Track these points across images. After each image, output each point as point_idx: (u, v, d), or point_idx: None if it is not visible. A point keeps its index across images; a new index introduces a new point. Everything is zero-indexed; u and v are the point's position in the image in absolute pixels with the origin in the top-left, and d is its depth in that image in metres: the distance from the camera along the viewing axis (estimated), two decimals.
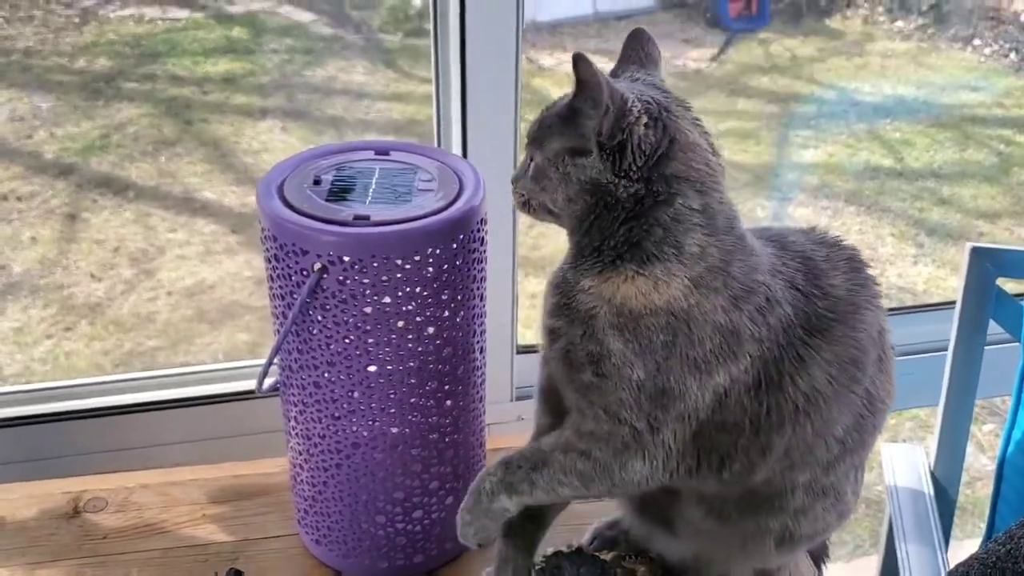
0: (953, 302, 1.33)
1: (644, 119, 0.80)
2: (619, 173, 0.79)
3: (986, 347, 1.32)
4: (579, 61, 0.79)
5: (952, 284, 2.82)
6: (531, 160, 0.83)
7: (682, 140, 0.81)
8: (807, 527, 0.90)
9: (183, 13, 3.12)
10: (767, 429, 0.83)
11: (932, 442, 1.37)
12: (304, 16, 3.22)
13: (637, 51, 0.89)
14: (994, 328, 1.31)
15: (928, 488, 1.34)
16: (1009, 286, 1.32)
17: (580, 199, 0.81)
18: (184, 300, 2.48)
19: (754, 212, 3.01)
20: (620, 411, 0.81)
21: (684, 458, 0.83)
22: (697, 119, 0.85)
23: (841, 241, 0.92)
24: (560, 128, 0.81)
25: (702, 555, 0.96)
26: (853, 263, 0.89)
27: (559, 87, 1.06)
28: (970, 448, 1.38)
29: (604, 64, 0.87)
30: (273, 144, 2.88)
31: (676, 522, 0.94)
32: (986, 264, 1.28)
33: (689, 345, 0.79)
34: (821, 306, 0.83)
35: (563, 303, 0.82)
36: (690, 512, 0.91)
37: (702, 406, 0.81)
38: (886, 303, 0.91)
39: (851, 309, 0.85)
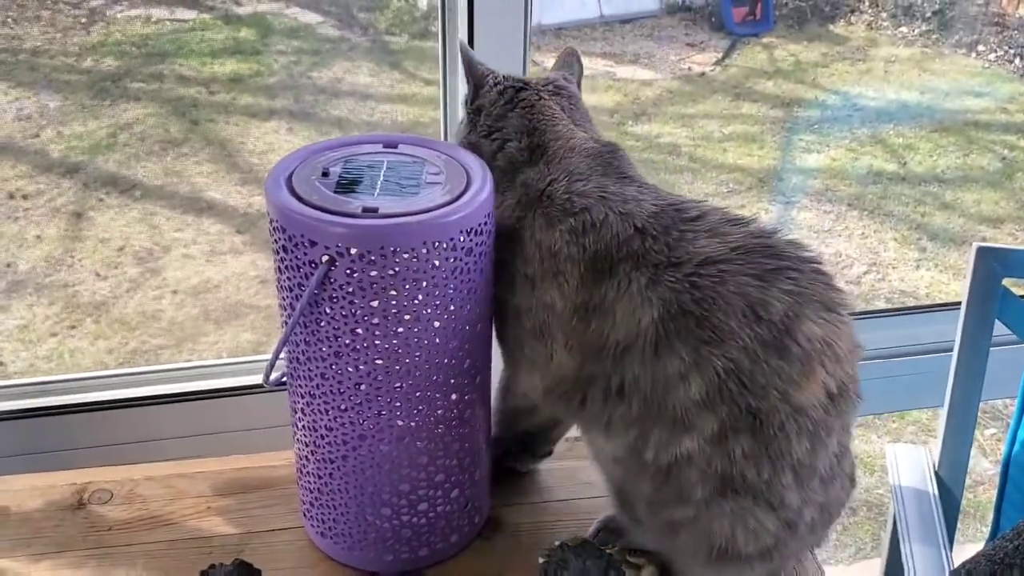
0: (958, 303, 1.34)
1: (497, 88, 1.01)
2: (479, 132, 1.00)
3: (992, 348, 1.32)
4: (461, 48, 1.03)
5: (954, 289, 2.83)
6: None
7: (523, 101, 0.99)
8: (736, 534, 0.87)
9: (190, 14, 3.13)
10: (603, 355, 0.88)
11: (936, 443, 1.38)
12: (311, 17, 3.24)
13: (567, 61, 1.08)
14: (999, 329, 1.31)
15: (932, 488, 1.34)
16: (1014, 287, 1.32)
17: (464, 143, 1.02)
18: (189, 299, 2.49)
19: (757, 215, 3.01)
20: (500, 329, 0.99)
21: (559, 383, 0.93)
22: (558, 89, 1.02)
23: (751, 222, 0.90)
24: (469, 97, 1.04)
25: (666, 556, 0.97)
26: (763, 248, 0.87)
27: None
28: (972, 452, 1.38)
29: (606, 66, 0.92)
30: (279, 144, 2.89)
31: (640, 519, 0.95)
32: (992, 264, 1.28)
33: (522, 263, 0.93)
34: (656, 248, 0.87)
35: None
36: (640, 506, 0.93)
37: (546, 322, 0.91)
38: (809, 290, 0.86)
39: (703, 263, 0.85)
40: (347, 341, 0.90)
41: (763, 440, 0.83)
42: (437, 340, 0.92)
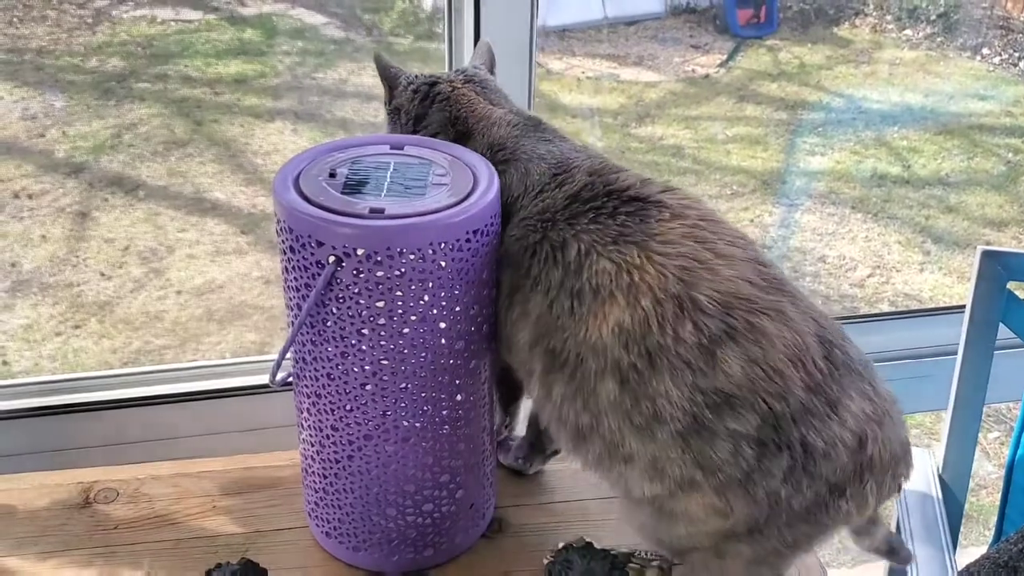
0: (962, 306, 1.34)
1: (412, 87, 1.05)
2: (405, 131, 1.04)
3: (995, 351, 1.32)
4: (376, 58, 1.09)
5: (958, 292, 2.83)
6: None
7: (439, 94, 1.03)
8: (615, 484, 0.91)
9: (196, 14, 3.14)
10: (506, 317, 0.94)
11: (939, 446, 1.38)
12: (316, 19, 3.24)
13: (479, 52, 1.11)
14: (1003, 333, 1.32)
15: (936, 491, 1.34)
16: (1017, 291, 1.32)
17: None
18: (193, 299, 2.49)
19: (761, 218, 3.02)
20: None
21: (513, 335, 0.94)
22: (470, 78, 1.05)
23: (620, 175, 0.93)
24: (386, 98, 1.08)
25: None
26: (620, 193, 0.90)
27: (567, 91, 1.08)
28: (976, 455, 1.38)
29: (610, 68, 0.92)
30: (283, 145, 2.89)
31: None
32: (997, 268, 1.28)
33: None
34: (523, 204, 0.93)
35: None
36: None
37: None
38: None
39: (534, 216, 0.91)
40: (353, 341, 0.90)
41: (568, 377, 0.87)
42: (443, 341, 0.92)
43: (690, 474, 0.84)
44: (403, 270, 0.87)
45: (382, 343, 0.90)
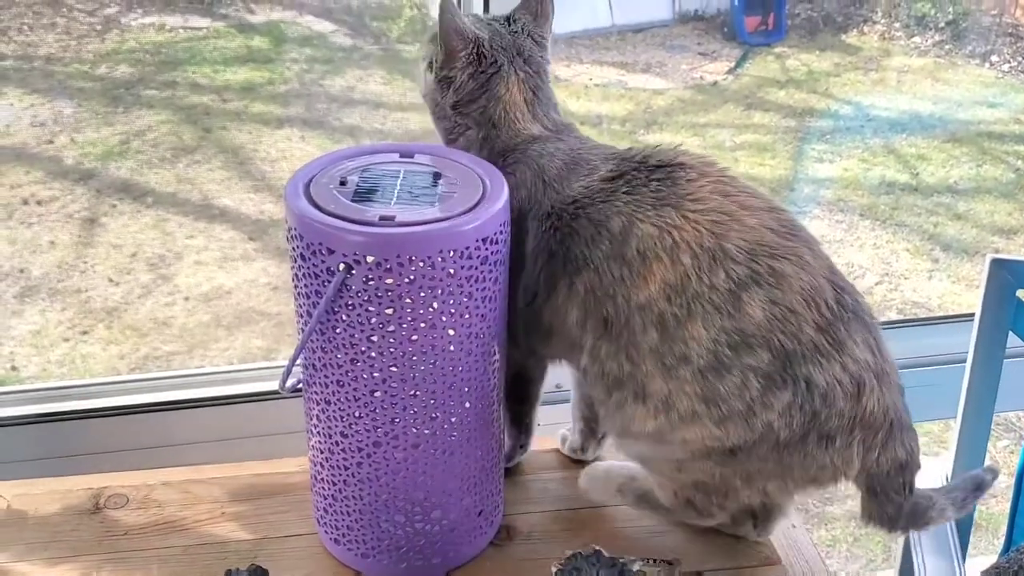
0: (971, 314, 1.33)
1: (468, 70, 1.00)
2: (444, 97, 1.02)
3: (1005, 359, 1.31)
4: (443, 9, 0.98)
5: (967, 300, 2.82)
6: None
7: (493, 91, 1.01)
8: (624, 423, 0.96)
9: (204, 22, 3.15)
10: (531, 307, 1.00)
11: (948, 455, 1.37)
12: (324, 26, 3.26)
13: (534, 3, 1.06)
14: (1012, 341, 1.31)
15: None
16: None
17: (430, 103, 1.06)
18: (201, 305, 2.50)
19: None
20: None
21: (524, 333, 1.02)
22: (531, 74, 1.03)
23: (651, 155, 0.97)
24: (429, 41, 1.04)
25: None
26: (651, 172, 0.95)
27: (575, 98, 1.08)
28: (985, 464, 1.38)
29: (618, 75, 0.94)
30: (291, 152, 2.90)
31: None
32: (1006, 276, 1.28)
33: None
34: (548, 198, 0.97)
35: None
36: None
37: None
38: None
39: (567, 205, 0.95)
40: (363, 348, 0.90)
41: (615, 338, 0.93)
42: (452, 348, 0.92)
43: (694, 406, 0.91)
44: (413, 277, 0.87)
45: (391, 350, 0.90)
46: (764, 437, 0.90)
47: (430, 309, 0.89)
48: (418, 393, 0.93)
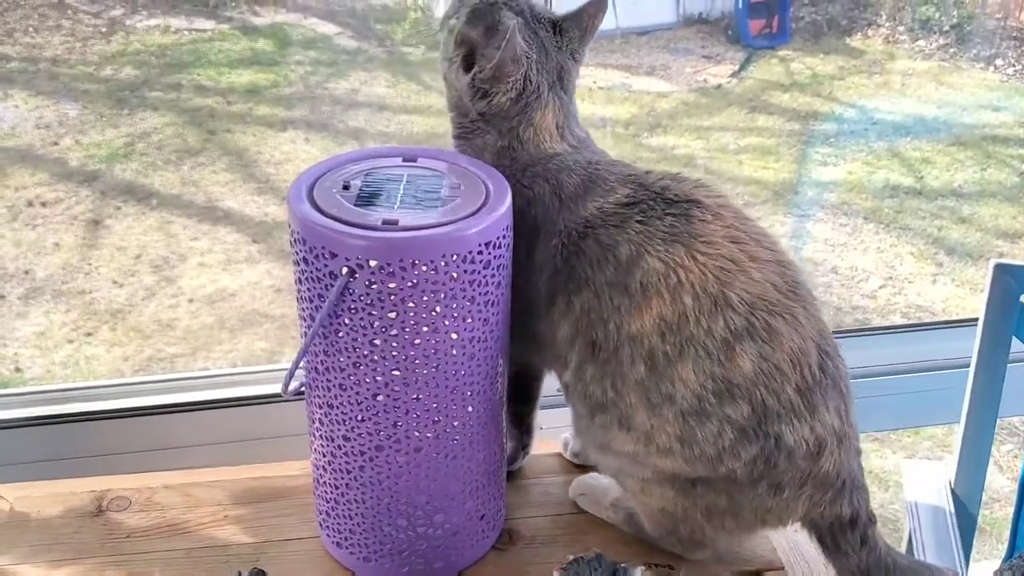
0: (975, 319, 1.33)
1: (511, 95, 0.99)
2: (475, 103, 1.00)
3: (1008, 364, 1.31)
4: (510, 32, 0.95)
5: (972, 304, 2.81)
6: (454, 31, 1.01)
7: (529, 116, 0.99)
8: (605, 440, 0.98)
9: (209, 24, 3.15)
10: (527, 314, 1.00)
11: (952, 459, 1.37)
12: (329, 29, 3.26)
13: (586, 20, 1.04)
14: (1016, 346, 1.31)
15: (948, 505, 1.33)
16: None
17: (450, 88, 1.03)
18: (205, 307, 2.50)
19: (773, 228, 3.01)
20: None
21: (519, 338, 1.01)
22: (567, 95, 1.02)
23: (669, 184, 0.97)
24: (468, 32, 0.99)
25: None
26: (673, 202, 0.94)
27: (580, 101, 1.08)
28: (989, 468, 1.38)
29: (622, 77, 0.94)
30: (296, 155, 2.90)
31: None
32: (1010, 281, 1.28)
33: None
34: (562, 216, 0.97)
35: None
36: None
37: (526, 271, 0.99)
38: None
39: (582, 225, 0.95)
40: (365, 352, 0.90)
41: (602, 364, 0.94)
42: (454, 352, 0.92)
43: (671, 444, 0.93)
44: (415, 281, 0.87)
45: (394, 354, 0.90)
46: (724, 477, 0.93)
47: (433, 313, 0.89)
48: (421, 397, 0.93)
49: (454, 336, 0.92)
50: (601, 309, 0.93)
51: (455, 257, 0.88)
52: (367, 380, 0.92)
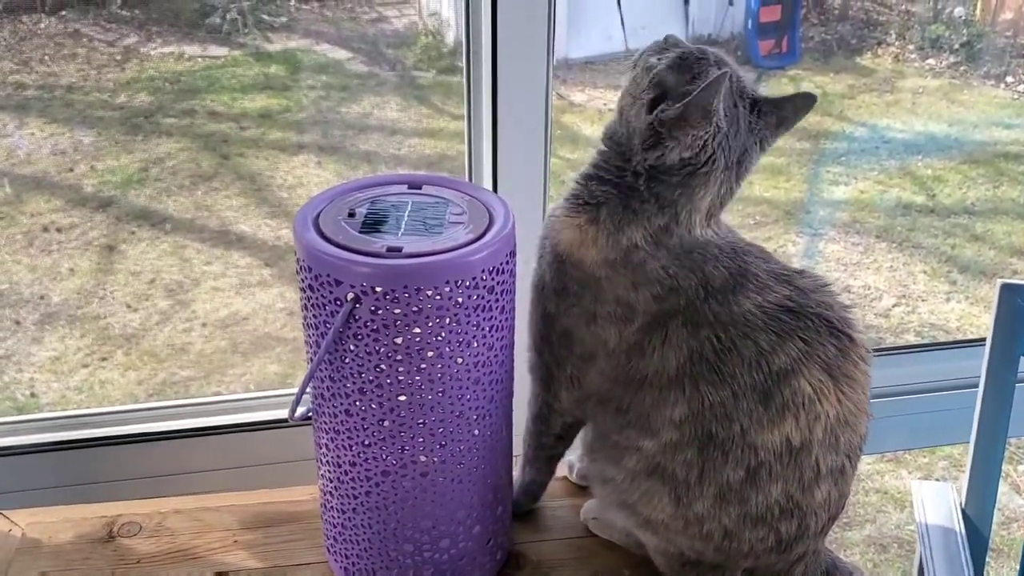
0: (984, 339, 1.33)
1: (685, 153, 0.92)
2: (645, 149, 0.93)
3: (1018, 384, 1.31)
4: (718, 81, 0.88)
5: (985, 322, 2.79)
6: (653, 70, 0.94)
7: (694, 186, 0.93)
8: (640, 502, 0.99)
9: (222, 51, 3.18)
10: (628, 384, 0.96)
11: (964, 480, 1.36)
12: (340, 54, 3.28)
13: (790, 112, 0.98)
14: None
15: (959, 527, 1.32)
16: None
17: (624, 126, 0.95)
18: (218, 331, 2.52)
19: (784, 248, 3.01)
20: (541, 348, 1.02)
21: (586, 399, 1.01)
22: (736, 184, 0.97)
23: (815, 288, 0.96)
24: (667, 76, 0.93)
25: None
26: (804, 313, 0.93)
27: (590, 123, 1.08)
28: (1005, 488, 1.37)
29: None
30: (308, 178, 2.92)
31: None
32: (1017, 300, 1.28)
33: (592, 301, 0.95)
34: (706, 309, 0.93)
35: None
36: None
37: (594, 353, 0.97)
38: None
39: (735, 322, 0.93)
40: (371, 377, 0.91)
41: (704, 454, 0.93)
42: (460, 376, 0.93)
43: (713, 533, 0.96)
44: (420, 307, 0.88)
45: (400, 379, 0.91)
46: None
47: (438, 338, 0.90)
48: (426, 422, 0.94)
49: (459, 361, 0.92)
50: (734, 408, 0.92)
51: (459, 283, 0.88)
52: (373, 405, 0.92)
